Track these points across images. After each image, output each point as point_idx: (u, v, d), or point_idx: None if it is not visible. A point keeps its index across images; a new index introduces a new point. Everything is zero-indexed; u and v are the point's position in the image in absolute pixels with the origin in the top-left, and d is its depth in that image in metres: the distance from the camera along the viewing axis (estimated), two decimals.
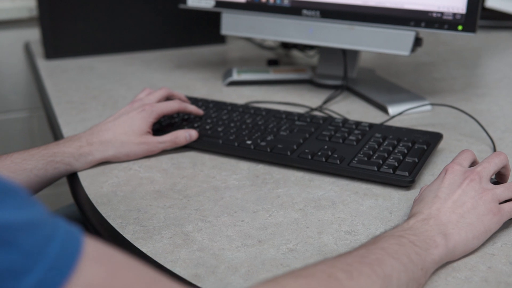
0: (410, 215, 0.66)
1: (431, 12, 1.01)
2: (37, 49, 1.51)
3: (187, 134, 0.91)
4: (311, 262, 0.56)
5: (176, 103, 0.94)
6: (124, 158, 0.88)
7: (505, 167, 0.72)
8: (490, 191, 0.66)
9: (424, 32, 1.03)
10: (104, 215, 0.75)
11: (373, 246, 0.58)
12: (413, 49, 1.05)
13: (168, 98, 0.97)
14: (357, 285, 0.52)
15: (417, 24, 1.03)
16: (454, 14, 1.00)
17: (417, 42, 1.05)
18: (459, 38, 1.57)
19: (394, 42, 1.05)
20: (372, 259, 0.55)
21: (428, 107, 1.07)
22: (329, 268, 0.53)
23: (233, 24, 1.20)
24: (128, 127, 0.88)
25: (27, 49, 1.58)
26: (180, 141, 0.90)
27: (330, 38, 1.11)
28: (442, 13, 1.01)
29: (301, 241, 0.68)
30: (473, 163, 0.73)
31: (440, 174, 0.70)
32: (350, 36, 1.09)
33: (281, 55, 1.48)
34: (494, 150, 0.90)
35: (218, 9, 1.20)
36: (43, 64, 1.41)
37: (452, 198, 0.65)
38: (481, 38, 1.59)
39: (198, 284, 0.61)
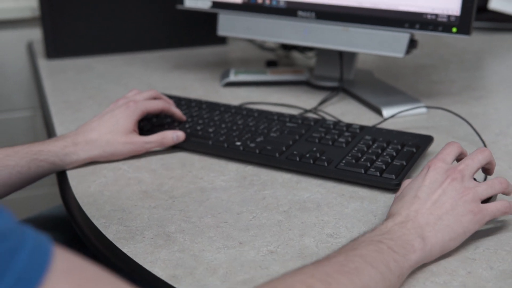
0: (389, 215, 0.66)
1: (426, 14, 1.01)
2: (39, 49, 1.52)
3: (175, 135, 0.91)
4: (290, 270, 0.55)
5: (161, 102, 0.94)
6: (110, 158, 0.88)
7: (489, 163, 0.71)
8: (472, 190, 0.65)
9: (426, 34, 1.02)
10: (88, 214, 0.75)
11: (352, 253, 0.58)
12: (408, 51, 1.04)
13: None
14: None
15: (411, 26, 1.02)
16: (449, 16, 0.99)
17: (412, 44, 1.04)
18: (461, 40, 1.56)
19: (389, 44, 1.04)
20: (351, 268, 0.55)
21: (423, 110, 1.07)
22: (308, 278, 0.53)
23: (229, 25, 1.20)
24: (113, 125, 0.88)
25: (30, 48, 1.59)
26: (167, 141, 0.90)
27: (324, 39, 1.11)
28: (436, 15, 1.00)
29: (282, 243, 0.68)
30: (461, 155, 0.72)
31: (422, 170, 0.69)
32: (345, 38, 1.08)
33: (281, 57, 1.47)
34: None
35: (214, 10, 1.20)
36: (43, 64, 1.42)
37: (432, 199, 0.64)
38: (484, 40, 1.58)
39: (175, 285, 0.61)
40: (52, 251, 0.40)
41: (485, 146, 0.91)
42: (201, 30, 1.54)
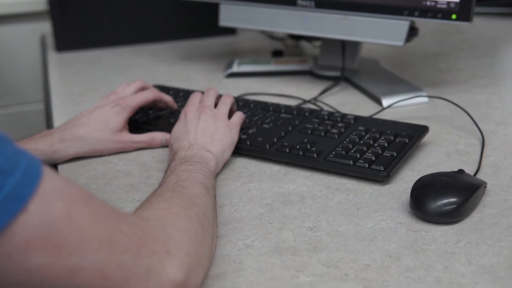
0: (175, 151, 0.79)
1: (425, 0, 0.98)
2: (51, 42, 1.53)
3: (164, 138, 0.91)
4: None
5: (151, 92, 0.93)
6: (97, 154, 0.88)
7: (218, 97, 0.91)
8: (220, 115, 0.85)
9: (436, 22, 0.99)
10: None
11: (176, 171, 0.71)
12: (408, 39, 1.02)
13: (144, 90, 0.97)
14: (192, 191, 0.66)
15: (411, 13, 1.00)
16: (448, 3, 0.96)
17: (412, 32, 1.02)
18: (475, 26, 1.52)
19: (388, 32, 1.02)
20: (185, 176, 0.69)
21: (425, 99, 1.04)
22: (166, 189, 0.66)
23: (231, 15, 1.19)
24: (103, 123, 0.88)
25: (43, 41, 1.61)
26: (155, 143, 0.91)
27: (325, 28, 1.09)
28: (436, 2, 0.97)
29: (259, 237, 0.67)
30: (217, 99, 0.90)
31: (180, 117, 0.85)
32: (345, 27, 1.06)
33: (290, 46, 1.46)
34: (483, 143, 0.86)
35: (216, 0, 1.19)
36: (53, 57, 1.43)
37: (199, 127, 0.82)
38: (499, 26, 1.54)
39: None
40: (44, 171, 0.45)
41: (482, 136, 0.88)
42: (210, 20, 1.53)
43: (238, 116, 0.88)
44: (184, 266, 0.54)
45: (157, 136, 0.91)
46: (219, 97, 0.92)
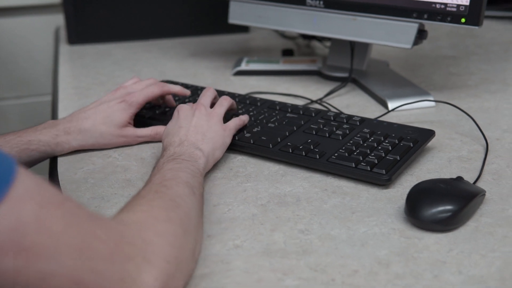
0: (165, 147, 0.78)
1: (435, 3, 0.97)
2: (64, 35, 1.54)
3: None
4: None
5: (157, 87, 0.92)
6: (101, 147, 0.89)
7: (216, 98, 0.90)
8: (215, 114, 0.84)
9: (442, 25, 0.97)
10: None
11: (162, 170, 0.70)
12: (416, 42, 1.00)
13: None
14: (175, 192, 0.64)
15: (419, 16, 0.98)
16: (458, 6, 0.95)
17: (421, 34, 1.00)
18: (490, 30, 1.50)
19: (396, 34, 1.01)
20: (170, 175, 0.68)
21: (432, 103, 1.03)
22: (149, 189, 0.64)
23: (240, 12, 1.18)
24: (108, 117, 0.87)
25: (56, 34, 1.61)
26: (159, 137, 0.90)
27: (333, 29, 1.08)
28: (445, 5, 0.96)
29: (250, 237, 0.66)
30: (215, 100, 0.89)
31: (173, 114, 0.83)
32: (353, 27, 1.05)
33: (302, 46, 1.45)
34: (487, 149, 0.85)
35: None
36: (65, 49, 1.44)
37: (192, 124, 0.80)
38: None
39: None
40: (17, 172, 0.44)
41: (486, 142, 0.87)
42: (223, 18, 1.52)
43: (235, 122, 0.87)
44: (162, 273, 0.52)
45: (161, 130, 0.90)
46: (217, 98, 0.91)
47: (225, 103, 0.88)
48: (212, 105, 0.88)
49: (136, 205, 0.61)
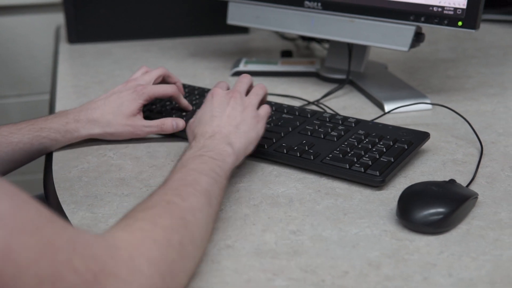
0: (195, 135, 0.75)
1: (432, 6, 0.97)
2: (64, 34, 1.54)
3: (174, 123, 0.90)
4: (147, 196, 0.62)
5: (171, 88, 0.93)
6: (109, 137, 0.89)
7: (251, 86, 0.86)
8: (249, 104, 0.79)
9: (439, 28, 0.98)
10: (61, 200, 0.75)
11: (185, 169, 0.67)
12: (413, 45, 1.00)
13: (164, 78, 0.97)
14: (189, 204, 0.61)
15: (417, 18, 0.98)
16: (455, 9, 0.95)
17: (419, 37, 1.01)
18: (489, 34, 1.50)
19: (393, 36, 1.01)
20: (190, 180, 0.65)
21: (428, 106, 1.03)
22: (164, 196, 0.61)
23: (239, 13, 1.18)
24: (117, 107, 0.88)
25: (57, 33, 1.62)
26: (166, 128, 0.90)
27: (330, 30, 1.08)
28: (443, 8, 0.96)
29: (241, 238, 0.67)
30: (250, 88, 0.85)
31: (207, 98, 0.80)
32: (350, 29, 1.05)
33: (301, 47, 1.45)
34: (481, 153, 0.85)
35: None
36: (65, 48, 1.44)
37: (226, 114, 0.77)
38: None
39: None
40: None
41: (481, 146, 0.87)
42: (223, 18, 1.52)
43: (265, 109, 0.82)
44: None
45: (168, 121, 0.90)
46: (252, 86, 0.87)
47: (260, 92, 0.84)
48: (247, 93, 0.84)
49: (139, 219, 0.57)
